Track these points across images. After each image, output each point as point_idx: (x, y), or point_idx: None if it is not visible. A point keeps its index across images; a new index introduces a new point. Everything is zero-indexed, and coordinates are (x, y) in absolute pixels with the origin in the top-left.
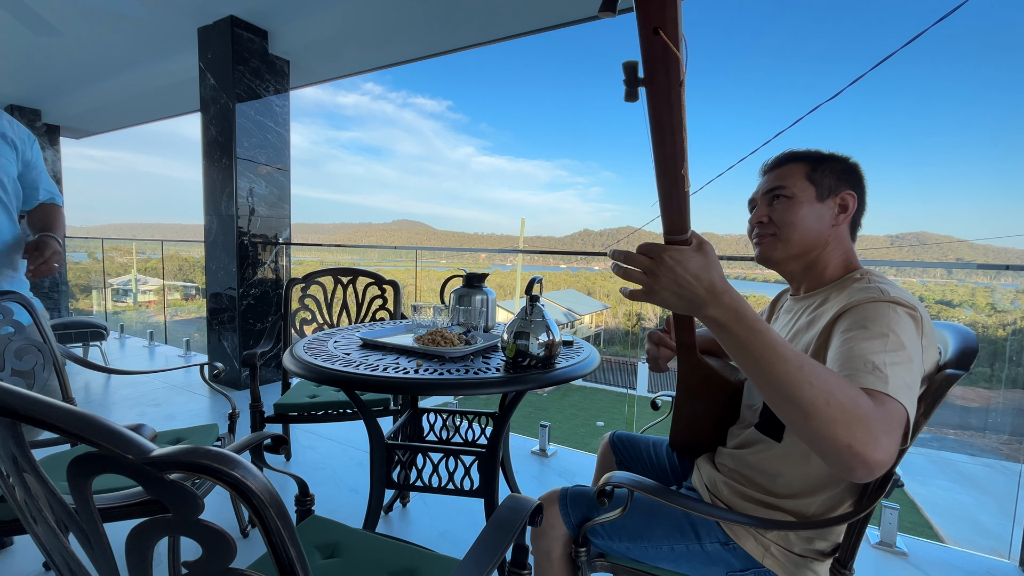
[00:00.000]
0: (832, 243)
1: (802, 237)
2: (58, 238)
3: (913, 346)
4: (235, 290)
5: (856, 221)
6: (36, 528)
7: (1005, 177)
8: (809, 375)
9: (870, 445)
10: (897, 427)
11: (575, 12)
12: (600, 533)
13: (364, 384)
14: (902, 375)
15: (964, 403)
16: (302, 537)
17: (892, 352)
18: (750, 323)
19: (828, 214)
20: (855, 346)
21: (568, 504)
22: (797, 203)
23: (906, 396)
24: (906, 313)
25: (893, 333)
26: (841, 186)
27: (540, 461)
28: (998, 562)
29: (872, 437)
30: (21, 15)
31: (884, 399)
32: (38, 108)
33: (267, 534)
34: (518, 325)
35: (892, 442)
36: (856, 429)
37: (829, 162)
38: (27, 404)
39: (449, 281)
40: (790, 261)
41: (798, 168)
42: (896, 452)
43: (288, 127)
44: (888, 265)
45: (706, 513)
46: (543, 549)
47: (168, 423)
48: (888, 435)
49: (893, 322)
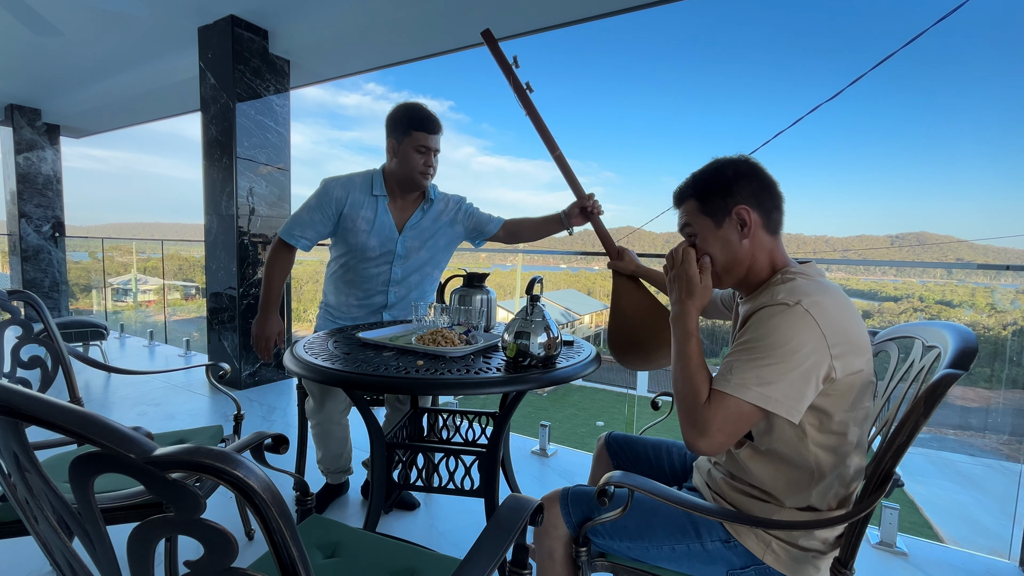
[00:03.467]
0: (754, 254)
1: (724, 264)
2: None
3: (792, 339)
4: (235, 290)
5: (769, 219)
6: (37, 527)
7: (1005, 177)
8: (687, 373)
9: (692, 435)
10: (731, 419)
11: (576, 12)
12: (601, 533)
13: (365, 384)
14: (756, 374)
15: (964, 403)
16: (303, 537)
17: (754, 354)
18: (692, 325)
19: (733, 234)
20: (731, 353)
21: (569, 504)
22: (703, 238)
23: (750, 392)
24: (796, 308)
25: (767, 339)
26: (731, 204)
27: (540, 461)
28: (998, 562)
29: (695, 430)
30: (21, 15)
31: (723, 397)
32: (38, 107)
33: (269, 533)
34: (518, 325)
35: (719, 433)
36: (686, 422)
37: (712, 185)
38: (29, 403)
39: (449, 281)
40: (727, 282)
41: (691, 205)
42: (725, 440)
43: (288, 127)
44: (888, 265)
45: (707, 512)
46: (545, 549)
47: (168, 423)
48: (716, 426)
49: (772, 324)
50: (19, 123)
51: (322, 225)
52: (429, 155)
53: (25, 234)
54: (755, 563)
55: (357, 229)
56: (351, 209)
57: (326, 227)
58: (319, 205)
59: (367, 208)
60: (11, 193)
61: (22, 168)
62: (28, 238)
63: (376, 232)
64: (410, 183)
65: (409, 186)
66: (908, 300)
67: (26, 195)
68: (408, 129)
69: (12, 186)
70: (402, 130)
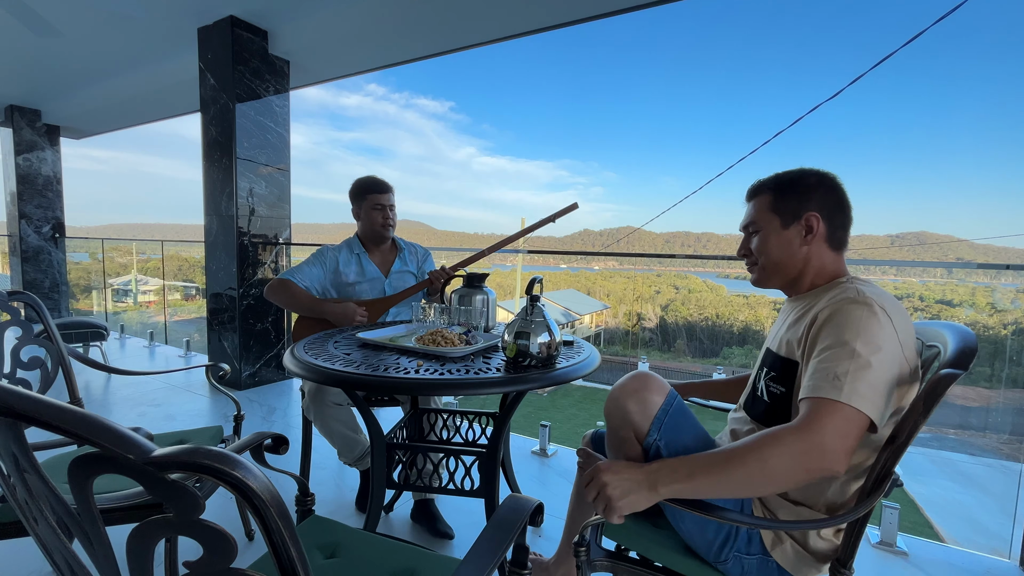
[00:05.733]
0: (811, 261)
1: (776, 263)
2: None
3: (883, 344)
4: (235, 290)
5: (835, 235)
6: (37, 528)
7: (1005, 177)
8: (739, 462)
9: (815, 458)
10: (846, 427)
11: (577, 11)
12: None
13: (365, 384)
14: (861, 381)
15: (964, 403)
16: (302, 537)
17: (854, 361)
18: (685, 471)
19: (796, 238)
20: (823, 358)
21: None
22: (766, 235)
23: (861, 400)
24: (880, 311)
25: (861, 340)
26: (804, 208)
27: (540, 461)
28: (998, 562)
29: (812, 452)
30: (22, 15)
31: (836, 406)
32: (38, 108)
33: (268, 534)
34: (518, 325)
35: (838, 440)
36: (798, 459)
37: (791, 187)
38: (28, 404)
39: (449, 281)
40: (774, 282)
41: (764, 200)
42: (848, 446)
43: (288, 127)
44: (888, 265)
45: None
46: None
47: (168, 424)
48: (832, 436)
49: (863, 324)
50: (19, 124)
51: (319, 272)
52: (385, 210)
53: (25, 235)
54: (762, 552)
55: (349, 282)
56: (344, 266)
57: (323, 275)
58: (316, 260)
59: (354, 263)
60: (11, 194)
61: (22, 169)
62: (28, 239)
63: (367, 279)
64: (377, 236)
65: (377, 239)
66: (908, 300)
67: (26, 196)
68: (363, 194)
69: (12, 187)
70: (360, 196)
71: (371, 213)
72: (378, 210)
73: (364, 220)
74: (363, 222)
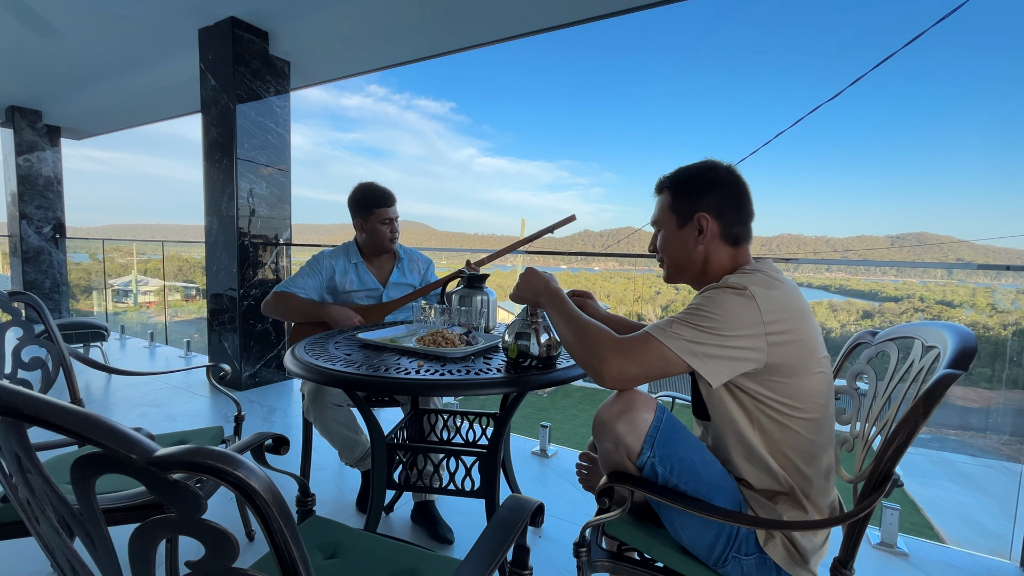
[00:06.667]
0: (709, 259)
1: (677, 263)
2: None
3: (733, 318)
4: (236, 291)
5: (729, 232)
6: (39, 528)
7: (1005, 177)
8: (576, 326)
9: (597, 361)
10: (639, 353)
11: (578, 12)
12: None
13: (366, 385)
14: (681, 330)
15: (964, 403)
16: (303, 537)
17: (687, 318)
18: (558, 299)
19: (691, 238)
20: (674, 316)
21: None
22: (666, 235)
23: (668, 337)
24: (746, 293)
25: (707, 308)
26: (695, 209)
27: (541, 462)
28: (999, 562)
29: (600, 356)
30: (22, 16)
31: (644, 335)
32: (39, 109)
33: (270, 534)
34: (519, 326)
35: (625, 362)
36: (591, 352)
37: (685, 186)
38: (30, 404)
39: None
40: (681, 278)
41: (665, 199)
42: (631, 373)
43: (289, 128)
44: (889, 266)
45: (724, 515)
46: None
47: (169, 424)
48: (621, 356)
49: (718, 299)
50: (20, 125)
51: (315, 283)
52: (393, 224)
53: (26, 235)
54: (758, 551)
55: (346, 290)
56: (340, 276)
57: (319, 285)
58: (311, 269)
59: (350, 273)
60: (12, 194)
61: (23, 169)
62: (29, 239)
63: (364, 289)
64: (381, 250)
65: (380, 252)
66: (909, 300)
67: (27, 196)
68: (370, 207)
69: (13, 187)
70: (366, 209)
71: (379, 228)
72: (386, 224)
73: (370, 234)
74: (368, 235)
